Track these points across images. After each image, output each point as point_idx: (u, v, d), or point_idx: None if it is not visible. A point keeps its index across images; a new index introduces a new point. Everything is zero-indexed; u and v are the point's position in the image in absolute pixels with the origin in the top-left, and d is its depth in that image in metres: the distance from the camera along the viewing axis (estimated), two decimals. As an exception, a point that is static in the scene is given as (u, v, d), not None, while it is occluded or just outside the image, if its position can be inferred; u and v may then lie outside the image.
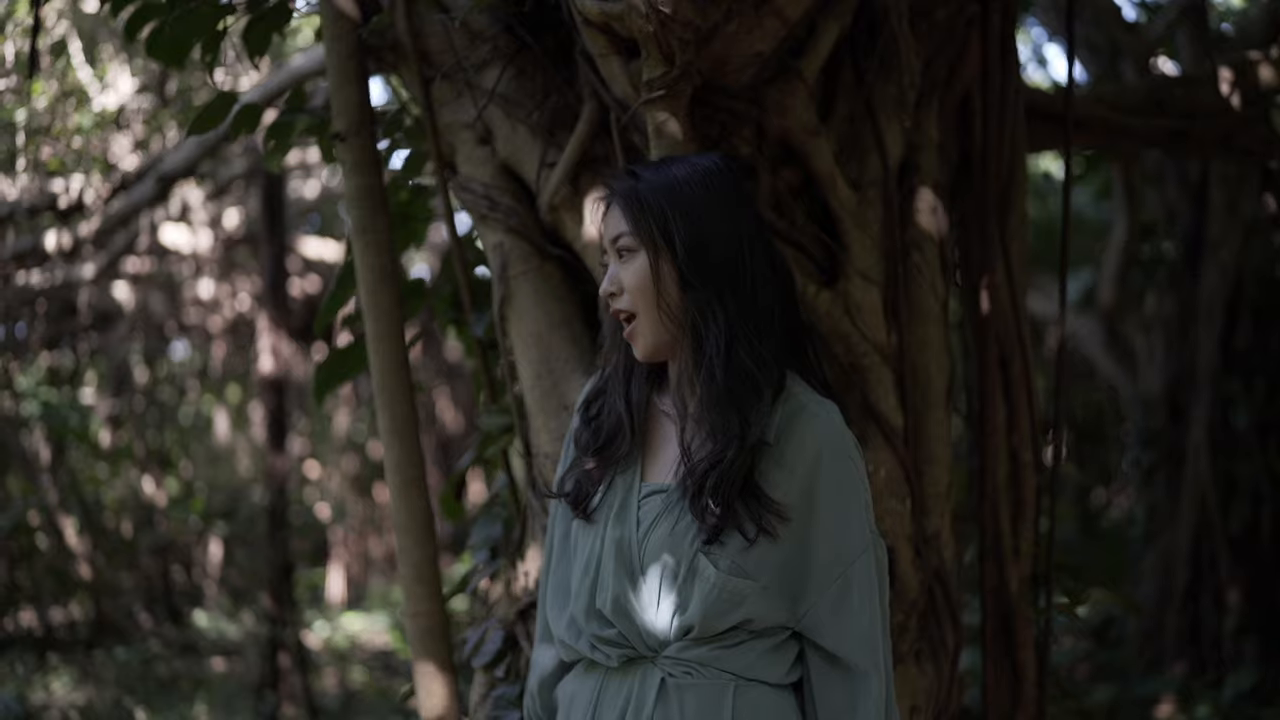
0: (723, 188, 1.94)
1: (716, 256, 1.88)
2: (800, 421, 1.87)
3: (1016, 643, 3.04)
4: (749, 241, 1.92)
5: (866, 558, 1.88)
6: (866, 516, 1.90)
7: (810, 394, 1.92)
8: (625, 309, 1.94)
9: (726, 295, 1.87)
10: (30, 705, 6.52)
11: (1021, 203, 3.04)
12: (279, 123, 3.04)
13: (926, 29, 2.78)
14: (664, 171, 1.95)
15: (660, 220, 1.89)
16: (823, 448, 1.86)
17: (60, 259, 8.13)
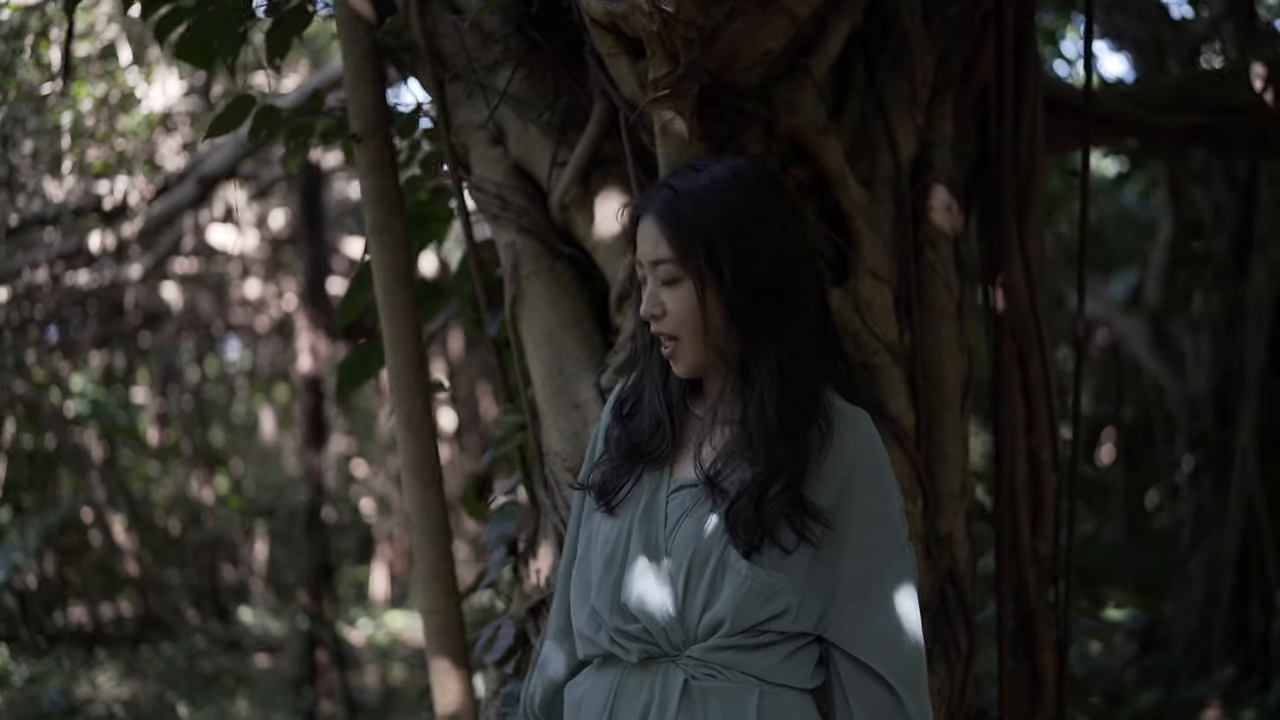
0: (765, 198, 1.89)
1: (765, 281, 1.84)
2: (838, 429, 1.85)
3: (1036, 645, 3.01)
4: (795, 255, 1.89)
5: (899, 564, 1.86)
6: (900, 523, 1.89)
7: (843, 401, 1.90)
8: (668, 333, 1.90)
9: (775, 322, 1.84)
10: (76, 699, 6.62)
11: (1041, 200, 3.02)
12: (298, 124, 3.07)
13: (939, 25, 2.75)
14: (702, 186, 1.88)
15: (706, 247, 1.83)
16: (860, 455, 1.85)
17: (108, 260, 8.26)
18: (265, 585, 10.54)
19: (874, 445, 1.88)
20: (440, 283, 3.31)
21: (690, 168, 1.95)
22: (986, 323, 3.14)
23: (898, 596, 1.85)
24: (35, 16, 6.36)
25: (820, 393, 1.86)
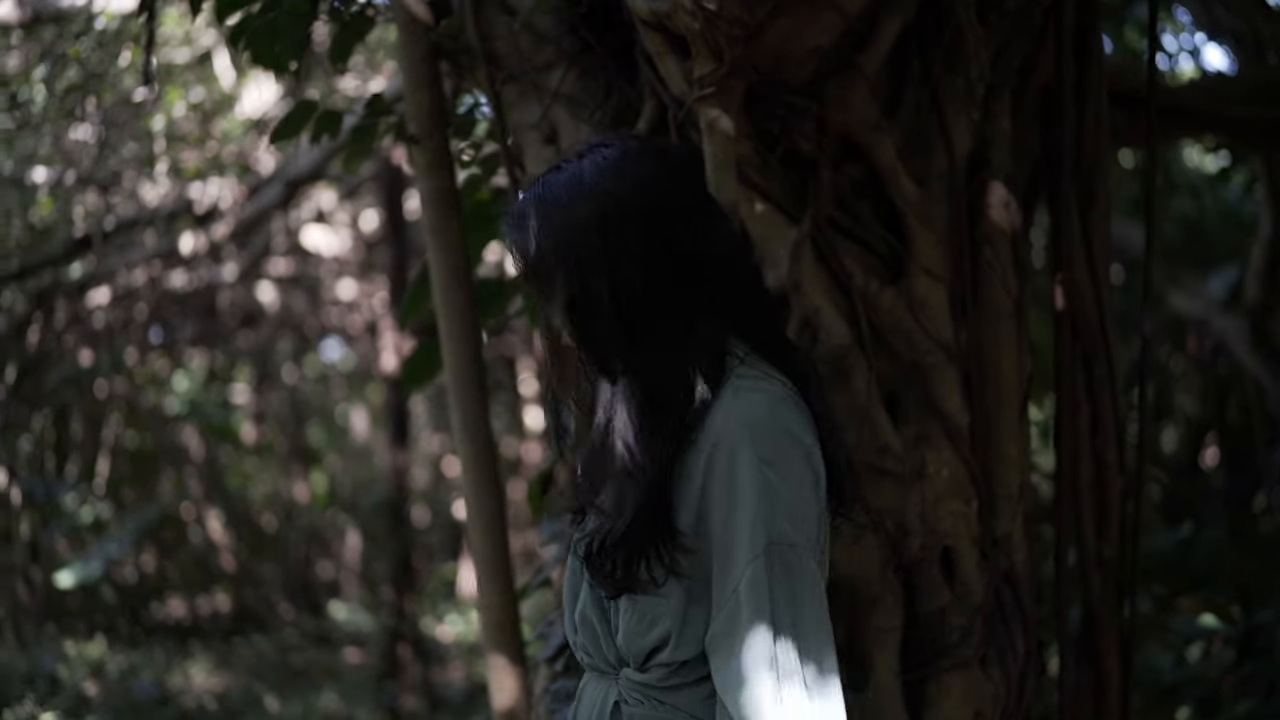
0: (619, 201, 1.67)
1: (609, 302, 1.64)
2: (709, 418, 1.64)
3: (1100, 650, 2.95)
4: (659, 265, 1.66)
5: (751, 577, 1.56)
6: (763, 522, 1.57)
7: (743, 380, 1.67)
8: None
9: (630, 357, 1.65)
10: (168, 690, 6.78)
11: (1105, 196, 2.95)
12: (359, 126, 3.11)
13: (996, 20, 2.71)
14: (547, 192, 1.71)
15: (539, 263, 1.68)
16: (718, 439, 1.60)
17: (204, 261, 8.45)
18: (357, 581, 10.70)
19: (744, 423, 1.60)
20: (502, 282, 3.34)
21: (556, 165, 1.76)
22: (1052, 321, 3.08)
23: (745, 620, 1.56)
24: (134, 23, 6.53)
25: (681, 392, 1.65)
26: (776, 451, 1.60)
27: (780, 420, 1.63)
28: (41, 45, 6.80)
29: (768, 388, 1.66)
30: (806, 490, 1.62)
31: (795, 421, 1.65)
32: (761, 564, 1.55)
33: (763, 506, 1.56)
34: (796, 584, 1.56)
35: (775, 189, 2.59)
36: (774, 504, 1.57)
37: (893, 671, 2.57)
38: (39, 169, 7.23)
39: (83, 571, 7.54)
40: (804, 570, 1.58)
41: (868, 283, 2.60)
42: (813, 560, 1.60)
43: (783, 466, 1.59)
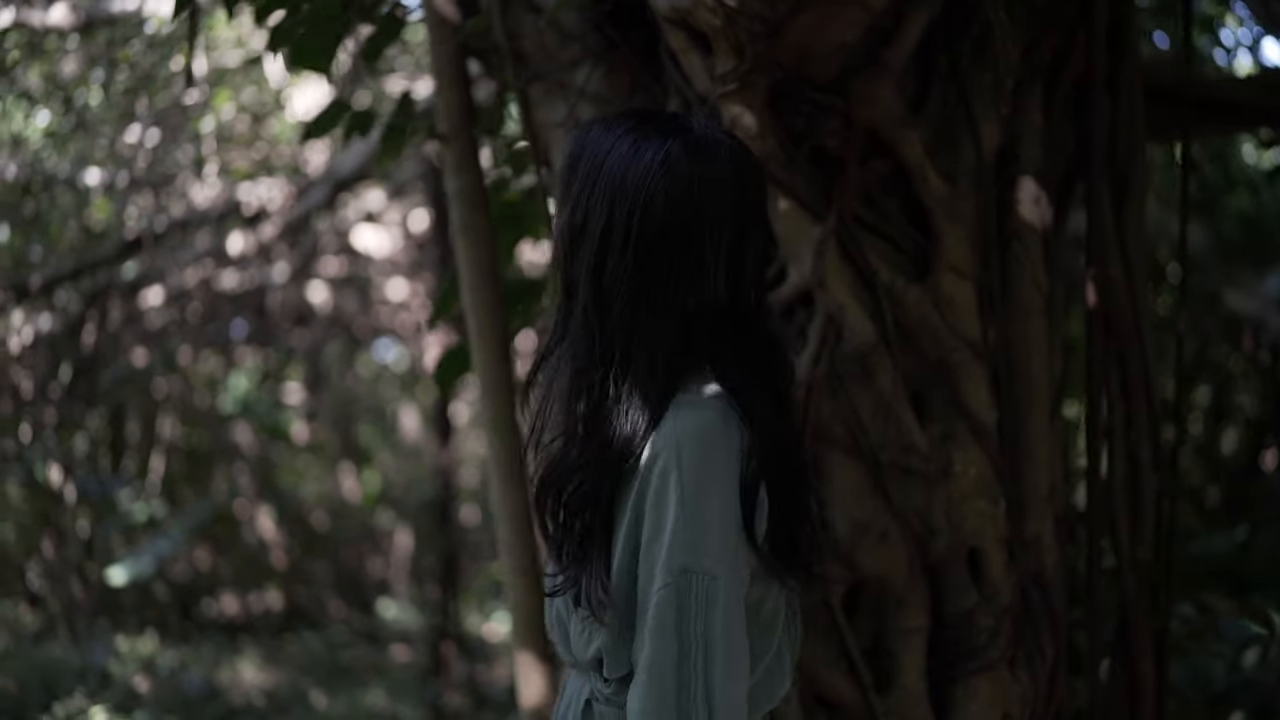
0: (669, 182, 1.61)
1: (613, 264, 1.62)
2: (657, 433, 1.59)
3: (1134, 654, 2.91)
4: (667, 257, 1.63)
5: (661, 600, 1.52)
6: (683, 548, 1.52)
7: (688, 396, 1.62)
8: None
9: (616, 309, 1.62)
10: (217, 685, 6.86)
11: (1140, 191, 2.91)
12: (391, 125, 3.13)
13: (1026, 14, 2.68)
14: (624, 147, 1.64)
15: (577, 195, 1.65)
16: (656, 453, 1.56)
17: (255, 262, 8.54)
18: (406, 579, 10.77)
19: (669, 442, 1.55)
20: (535, 280, 3.34)
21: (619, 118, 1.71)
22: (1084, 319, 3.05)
23: (650, 645, 1.53)
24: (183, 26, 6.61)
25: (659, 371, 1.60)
26: (707, 478, 1.55)
27: (717, 447, 1.57)
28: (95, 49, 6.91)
29: (713, 411, 1.60)
30: (735, 522, 1.57)
31: (734, 451, 1.59)
32: (672, 590, 1.51)
33: (684, 533, 1.52)
34: (711, 615, 1.51)
35: (800, 186, 2.58)
36: (695, 532, 1.52)
37: (919, 672, 2.55)
38: (93, 171, 7.34)
39: (134, 568, 7.64)
40: (721, 602, 1.52)
41: (893, 280, 2.58)
42: (735, 593, 1.54)
43: (711, 495, 1.54)
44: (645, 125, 1.67)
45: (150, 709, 6.13)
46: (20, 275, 7.66)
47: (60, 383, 8.50)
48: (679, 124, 1.68)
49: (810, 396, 2.55)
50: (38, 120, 7.40)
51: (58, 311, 8.28)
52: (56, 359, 8.48)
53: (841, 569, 2.53)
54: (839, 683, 2.52)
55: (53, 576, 8.21)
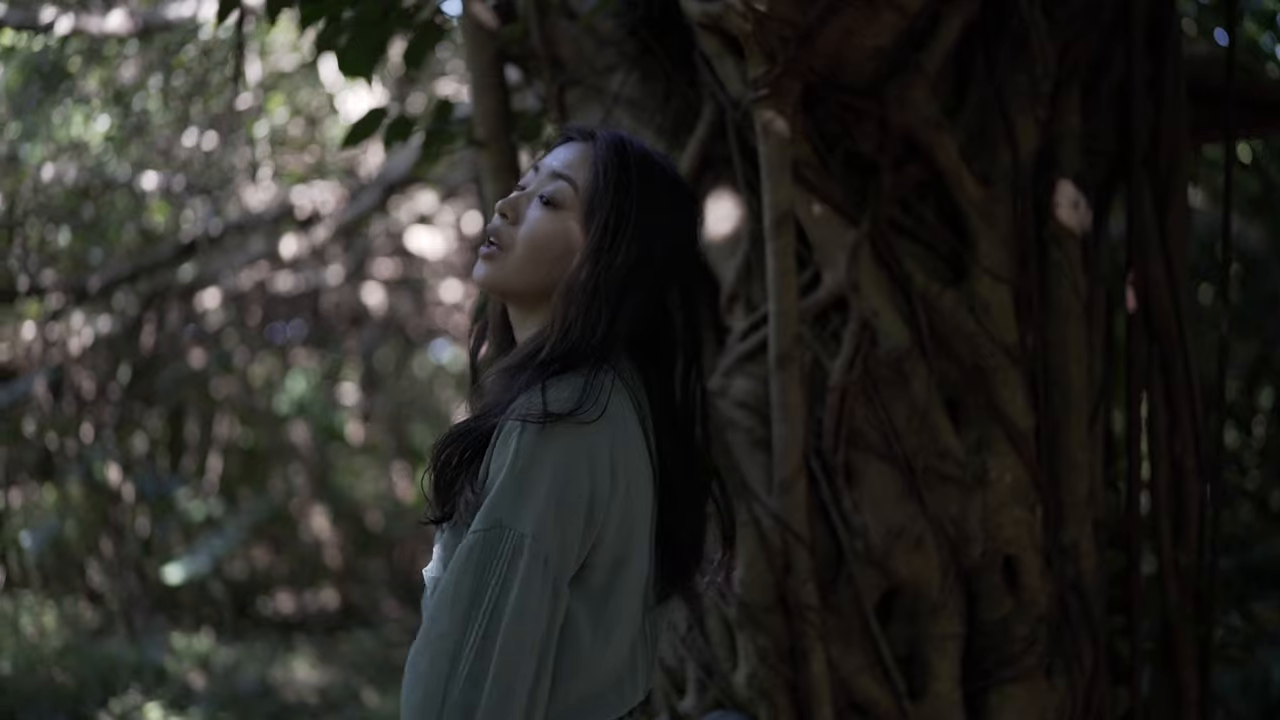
0: (688, 217, 1.79)
1: (635, 276, 1.69)
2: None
3: (1176, 662, 2.87)
4: (670, 285, 1.77)
5: (472, 543, 1.54)
6: (504, 501, 1.55)
7: (569, 376, 1.65)
8: (505, 241, 1.73)
9: (614, 304, 1.68)
10: (270, 683, 6.93)
11: (1182, 194, 2.87)
12: (432, 131, 3.15)
13: (1063, 15, 2.65)
14: (655, 165, 1.77)
15: (623, 213, 1.70)
16: (510, 414, 1.60)
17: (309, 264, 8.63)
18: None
19: (525, 407, 1.59)
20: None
21: (645, 144, 1.81)
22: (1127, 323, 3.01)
23: (446, 581, 1.55)
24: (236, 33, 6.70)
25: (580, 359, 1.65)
26: (545, 448, 1.57)
27: (579, 428, 1.59)
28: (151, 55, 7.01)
29: (564, 382, 1.63)
30: (570, 496, 1.58)
31: (599, 439, 1.61)
32: (481, 537, 1.54)
33: (509, 489, 1.55)
34: (510, 571, 1.53)
35: (834, 190, 2.57)
36: (518, 491, 1.55)
37: (953, 679, 2.54)
38: (150, 175, 7.45)
39: (191, 567, 7.74)
40: (524, 563, 1.53)
41: (928, 284, 2.57)
42: (542, 563, 1.54)
43: (545, 464, 1.56)
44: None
45: (204, 706, 6.20)
46: (80, 278, 7.80)
47: (119, 383, 8.64)
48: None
49: (844, 401, 2.54)
50: (97, 125, 7.52)
51: (117, 313, 8.42)
52: (116, 360, 8.62)
53: (875, 574, 2.52)
54: (872, 689, 2.51)
55: (112, 574, 8.34)
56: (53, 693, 6.17)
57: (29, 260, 7.86)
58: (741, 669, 2.51)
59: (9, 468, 8.29)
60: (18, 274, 7.73)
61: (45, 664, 6.60)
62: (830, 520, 2.54)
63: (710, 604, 2.59)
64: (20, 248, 7.80)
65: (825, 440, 2.54)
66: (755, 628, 2.48)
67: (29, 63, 7.06)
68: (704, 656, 2.60)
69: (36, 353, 8.25)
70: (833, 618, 2.51)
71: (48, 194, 7.51)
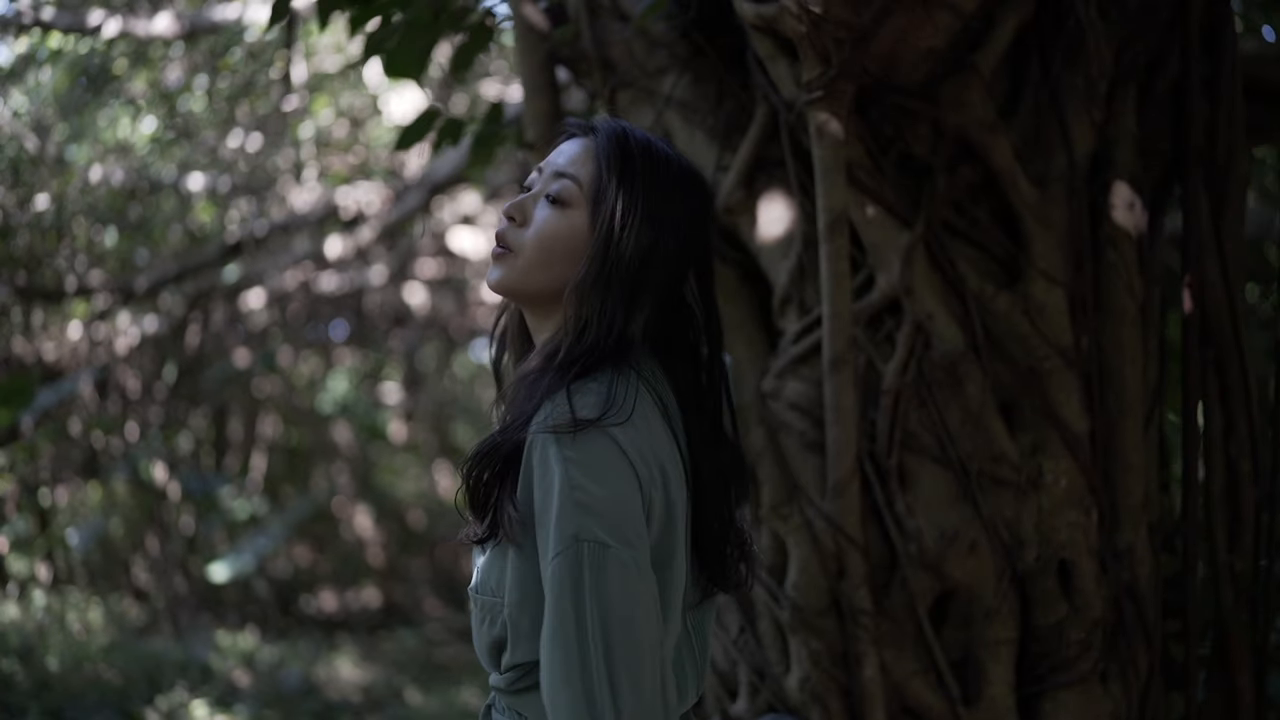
0: (701, 211, 1.73)
1: (648, 272, 1.66)
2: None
3: (1232, 667, 2.84)
4: (681, 281, 1.72)
5: (558, 568, 1.50)
6: (569, 517, 1.51)
7: (626, 379, 1.62)
8: (513, 244, 1.68)
9: (628, 304, 1.64)
10: (314, 681, 6.98)
11: (1240, 195, 2.84)
12: (481, 134, 3.16)
13: (1119, 15, 2.63)
14: (660, 157, 1.70)
15: (628, 208, 1.65)
16: (536, 424, 1.56)
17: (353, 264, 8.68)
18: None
19: (556, 417, 1.54)
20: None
21: (649, 134, 1.75)
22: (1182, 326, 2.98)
23: (551, 614, 1.50)
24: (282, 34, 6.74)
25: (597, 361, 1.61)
26: (587, 451, 1.53)
27: (610, 430, 1.55)
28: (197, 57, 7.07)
29: (589, 387, 1.60)
30: (627, 495, 1.54)
31: (631, 439, 1.57)
32: (564, 558, 1.49)
33: (570, 502, 1.51)
34: (602, 581, 1.48)
35: (888, 192, 2.56)
36: (580, 501, 1.50)
37: (1007, 685, 2.52)
38: (196, 176, 7.51)
39: (236, 565, 7.80)
40: (614, 568, 1.49)
41: (983, 287, 2.55)
42: (628, 559, 1.50)
43: (595, 467, 1.53)
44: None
45: (249, 703, 6.25)
46: (127, 278, 7.87)
47: (165, 383, 8.72)
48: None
49: (898, 404, 2.53)
50: (143, 127, 7.59)
51: (163, 313, 8.49)
52: (162, 360, 8.70)
53: (929, 578, 2.51)
54: (926, 693, 2.50)
55: (157, 572, 8.42)
56: (99, 690, 6.23)
57: (76, 260, 7.94)
58: (794, 673, 2.51)
59: (55, 466, 8.37)
60: (65, 274, 7.81)
61: (92, 661, 6.66)
62: (884, 524, 2.53)
63: (763, 607, 2.58)
64: (68, 248, 7.88)
65: (879, 443, 2.53)
66: (808, 631, 2.48)
67: (76, 65, 7.14)
68: (756, 660, 2.60)
69: (83, 352, 8.33)
70: (886, 622, 2.50)
71: (95, 195, 7.59)
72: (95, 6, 6.62)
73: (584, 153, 1.69)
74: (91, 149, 7.52)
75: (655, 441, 1.61)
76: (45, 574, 7.98)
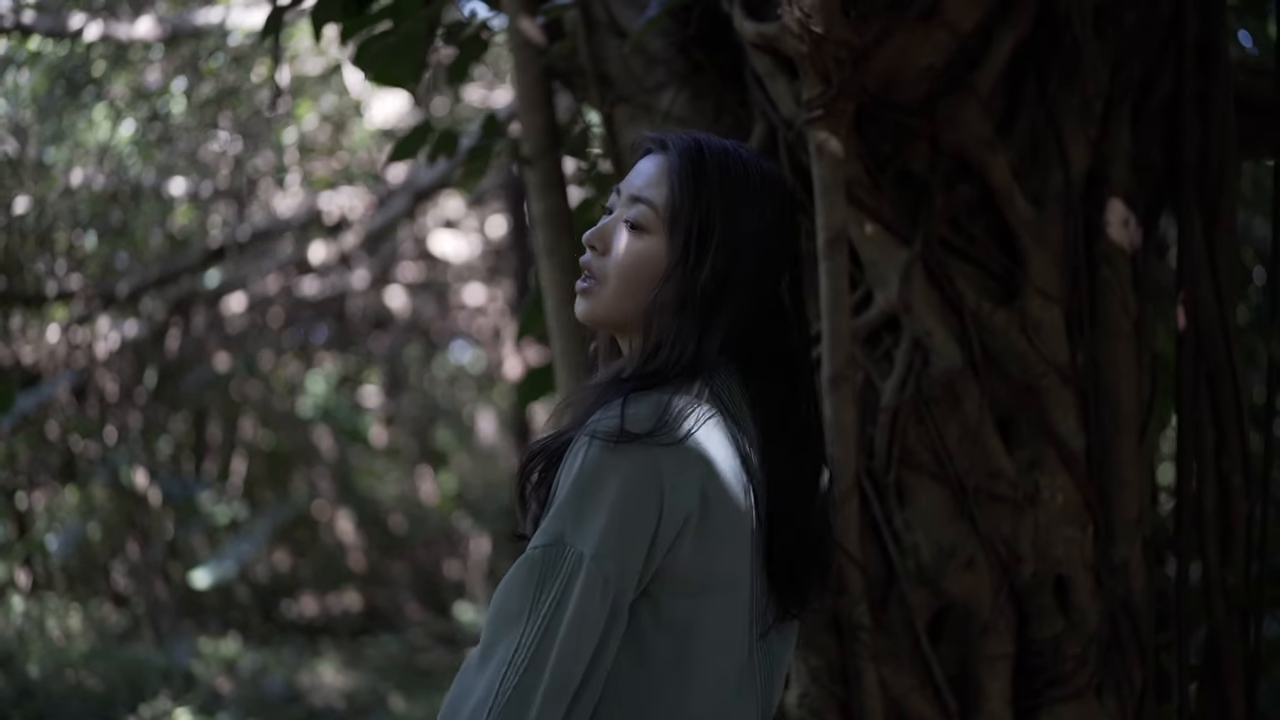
0: (785, 213, 1.72)
1: (734, 287, 1.65)
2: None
3: (1223, 679, 2.87)
4: (774, 278, 1.71)
5: (529, 558, 1.50)
6: (565, 518, 1.50)
7: (688, 394, 1.61)
8: (598, 273, 1.68)
9: (711, 320, 1.64)
10: (297, 688, 6.96)
11: (1231, 211, 2.86)
12: (476, 147, 3.16)
13: (1115, 35, 2.65)
14: (736, 165, 1.69)
15: (707, 225, 1.64)
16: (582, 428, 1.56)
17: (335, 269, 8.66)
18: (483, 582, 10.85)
19: (594, 426, 1.54)
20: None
21: (726, 142, 1.73)
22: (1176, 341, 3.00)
23: (499, 594, 1.52)
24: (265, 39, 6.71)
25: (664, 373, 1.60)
26: (615, 464, 1.52)
27: (652, 449, 1.53)
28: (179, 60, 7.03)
29: (692, 408, 1.59)
30: (638, 523, 1.52)
31: (675, 461, 1.55)
32: (539, 554, 1.49)
33: (571, 505, 1.51)
34: (567, 591, 1.48)
35: (886, 210, 2.57)
36: (586, 508, 1.50)
37: (1004, 700, 2.53)
38: (177, 180, 7.48)
39: (216, 571, 7.78)
40: (583, 586, 1.48)
41: (980, 304, 2.57)
42: (601, 583, 1.49)
43: (615, 481, 1.51)
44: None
45: (233, 711, 6.23)
46: (107, 282, 7.83)
47: (145, 387, 8.68)
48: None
49: (896, 421, 2.54)
50: (123, 130, 7.55)
51: (143, 318, 8.45)
52: (142, 364, 8.66)
53: (926, 594, 2.53)
54: (924, 709, 2.51)
55: (137, 577, 8.38)
56: (81, 697, 6.21)
57: (56, 265, 7.90)
58: (794, 688, 2.51)
59: (33, 470, 8.33)
60: (45, 278, 7.77)
61: (73, 668, 6.63)
62: (882, 540, 2.55)
63: (762, 623, 2.59)
64: (48, 252, 7.83)
65: (877, 460, 2.55)
66: (807, 647, 2.49)
67: (55, 68, 7.10)
68: (755, 675, 2.61)
69: (61, 356, 8.28)
70: (884, 637, 2.51)
71: (75, 199, 7.55)
72: (76, 10, 6.58)
73: (659, 173, 1.68)
74: (71, 152, 7.47)
75: (717, 464, 1.58)
76: (24, 580, 7.93)
